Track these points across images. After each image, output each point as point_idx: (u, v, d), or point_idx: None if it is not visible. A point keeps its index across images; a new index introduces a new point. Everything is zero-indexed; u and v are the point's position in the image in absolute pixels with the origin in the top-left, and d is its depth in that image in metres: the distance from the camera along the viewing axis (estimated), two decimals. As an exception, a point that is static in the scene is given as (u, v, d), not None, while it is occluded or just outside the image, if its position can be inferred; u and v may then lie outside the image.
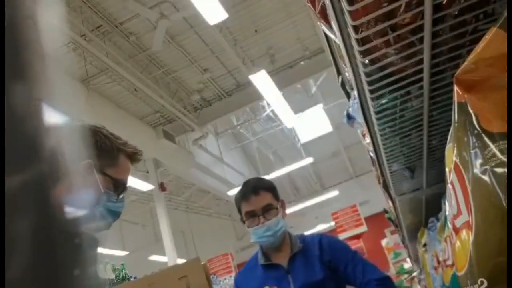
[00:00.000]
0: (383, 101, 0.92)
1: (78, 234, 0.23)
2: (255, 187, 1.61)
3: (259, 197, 1.59)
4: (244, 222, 1.62)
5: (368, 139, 1.17)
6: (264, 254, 1.68)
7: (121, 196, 1.05)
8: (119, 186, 1.04)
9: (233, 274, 8.65)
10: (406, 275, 4.78)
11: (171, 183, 9.92)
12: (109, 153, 1.03)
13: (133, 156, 1.10)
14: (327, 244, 1.64)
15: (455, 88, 0.67)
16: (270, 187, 1.66)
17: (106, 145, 1.04)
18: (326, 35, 1.17)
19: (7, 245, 0.19)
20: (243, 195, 1.61)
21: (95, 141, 1.02)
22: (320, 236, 1.70)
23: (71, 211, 0.24)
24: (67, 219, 0.23)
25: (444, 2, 0.69)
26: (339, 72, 1.37)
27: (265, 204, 1.59)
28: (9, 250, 0.19)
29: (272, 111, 9.07)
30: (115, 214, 1.04)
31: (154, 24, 6.14)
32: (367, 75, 0.82)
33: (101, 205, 1.00)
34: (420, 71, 0.83)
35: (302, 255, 1.62)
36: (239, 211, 1.64)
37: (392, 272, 5.43)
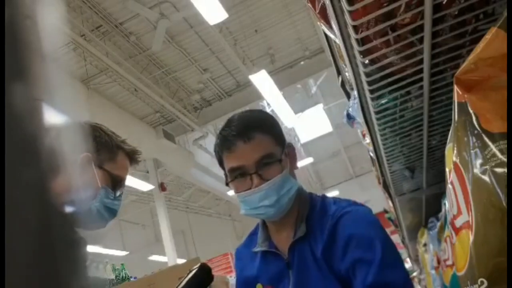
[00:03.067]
0: (383, 101, 0.92)
1: (74, 234, 0.23)
2: (246, 128, 0.98)
3: (253, 143, 0.97)
4: (227, 184, 1.03)
5: (368, 139, 1.17)
6: (266, 230, 1.10)
7: (118, 193, 1.05)
8: (117, 183, 1.04)
9: (233, 274, 8.65)
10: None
11: (171, 183, 9.93)
12: (108, 149, 1.04)
13: (132, 155, 1.10)
14: (342, 238, 0.96)
15: (455, 88, 0.67)
16: (270, 126, 1.02)
17: (106, 141, 1.04)
18: (326, 35, 1.17)
19: (6, 245, 0.19)
20: (226, 141, 0.99)
21: (94, 136, 1.02)
22: (341, 214, 1.00)
23: (70, 210, 0.24)
24: (66, 219, 0.23)
25: (444, 2, 0.69)
26: (339, 72, 1.37)
27: (262, 155, 0.97)
28: (8, 250, 0.19)
29: (272, 111, 9.08)
30: (111, 212, 1.03)
31: (154, 24, 6.14)
32: (367, 75, 0.82)
33: (98, 200, 0.99)
34: (420, 71, 0.83)
35: (307, 243, 1.01)
36: (220, 163, 1.04)
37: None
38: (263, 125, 1.00)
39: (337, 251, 0.95)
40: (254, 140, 0.97)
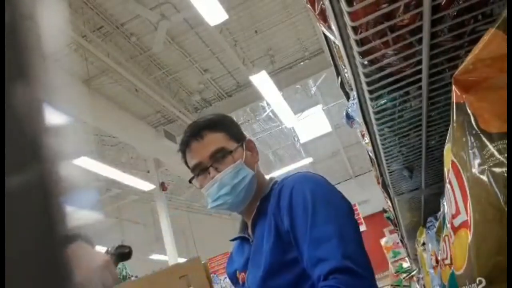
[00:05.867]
0: (382, 102, 0.92)
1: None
2: (198, 128, 1.11)
3: (205, 141, 1.10)
4: (190, 181, 1.16)
5: (367, 139, 1.17)
6: (243, 223, 1.21)
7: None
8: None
9: (233, 274, 8.62)
10: (405, 274, 4.78)
11: (172, 183, 9.93)
12: None
13: None
14: (284, 200, 1.02)
15: (454, 88, 0.67)
16: (222, 124, 1.13)
17: None
18: (325, 36, 1.18)
19: (7, 245, 0.19)
20: (184, 143, 1.13)
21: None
22: (284, 182, 1.09)
23: (72, 210, 0.24)
24: (67, 220, 0.23)
25: (442, 3, 0.69)
26: (338, 73, 1.37)
27: (214, 149, 1.09)
28: (9, 250, 0.19)
29: (272, 111, 9.08)
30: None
31: (155, 25, 6.15)
32: (366, 75, 0.82)
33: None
34: (419, 71, 0.83)
35: (266, 220, 1.06)
36: (187, 165, 1.17)
37: (391, 271, 5.44)
38: (213, 124, 1.12)
39: (281, 213, 1.01)
40: (206, 138, 1.10)
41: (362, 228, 9.60)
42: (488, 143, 0.62)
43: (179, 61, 7.53)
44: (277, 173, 10.39)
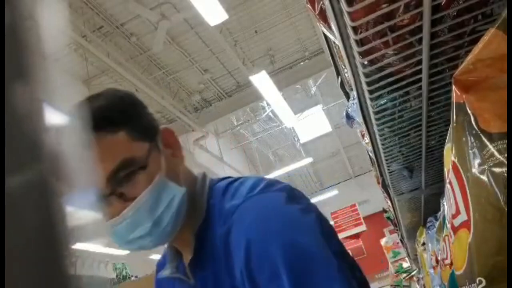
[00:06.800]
0: (382, 102, 0.92)
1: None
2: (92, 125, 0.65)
3: (97, 152, 0.65)
4: None
5: (367, 139, 1.17)
6: (172, 249, 0.83)
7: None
8: None
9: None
10: (404, 274, 4.79)
11: (171, 183, 9.91)
12: None
13: None
14: (238, 241, 0.65)
15: (454, 88, 0.67)
16: (121, 115, 0.70)
17: None
18: (325, 36, 1.18)
19: (6, 246, 0.19)
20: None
21: None
22: (231, 223, 0.68)
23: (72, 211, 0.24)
24: (67, 220, 0.23)
25: (442, 3, 0.69)
26: (338, 73, 1.37)
27: (116, 166, 0.66)
28: (8, 251, 0.19)
29: (272, 111, 9.09)
30: None
31: (155, 25, 6.15)
32: (366, 75, 0.82)
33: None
34: (419, 71, 0.83)
35: (209, 261, 0.71)
36: None
37: (391, 271, 5.44)
38: (107, 119, 0.68)
39: (236, 269, 0.65)
40: (99, 147, 0.65)
41: (362, 228, 9.61)
42: (488, 143, 0.62)
43: (179, 61, 7.54)
44: (277, 173, 10.39)
